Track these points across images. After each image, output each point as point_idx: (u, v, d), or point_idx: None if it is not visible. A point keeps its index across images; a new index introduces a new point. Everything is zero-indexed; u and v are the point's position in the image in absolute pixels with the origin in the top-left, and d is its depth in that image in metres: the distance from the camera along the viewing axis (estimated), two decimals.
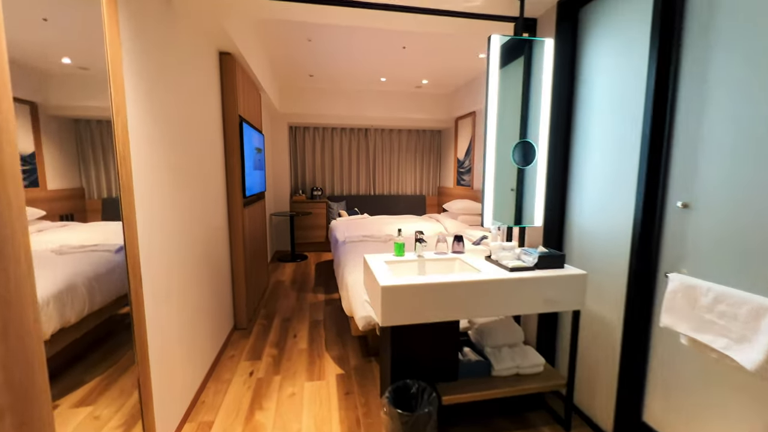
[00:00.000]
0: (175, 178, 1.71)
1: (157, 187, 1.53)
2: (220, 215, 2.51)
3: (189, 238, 1.89)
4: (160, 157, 1.56)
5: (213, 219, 2.35)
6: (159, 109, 1.56)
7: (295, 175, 5.94)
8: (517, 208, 1.96)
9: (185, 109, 1.88)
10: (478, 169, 4.84)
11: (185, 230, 1.84)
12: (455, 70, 4.34)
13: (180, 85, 1.81)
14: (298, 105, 5.22)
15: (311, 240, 5.57)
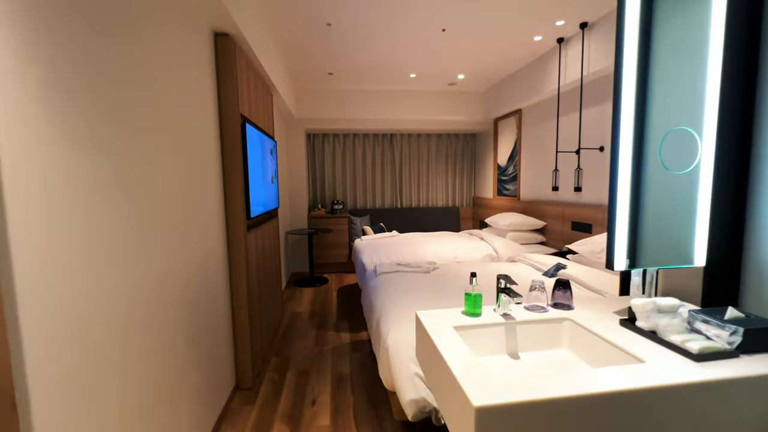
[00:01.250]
0: (126, 206, 1.10)
1: (81, 223, 0.91)
2: (214, 245, 1.89)
3: (162, 283, 1.27)
4: (86, 173, 0.94)
5: (203, 251, 1.73)
6: (94, 106, 0.96)
7: (314, 187, 5.35)
8: (660, 236, 1.23)
9: (155, 107, 1.28)
10: (528, 176, 4.10)
11: (153, 274, 1.22)
12: (499, 59, 3.66)
13: (144, 73, 1.22)
14: (316, 109, 4.65)
15: (332, 260, 4.94)
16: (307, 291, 4.21)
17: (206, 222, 1.79)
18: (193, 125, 1.66)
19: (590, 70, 2.88)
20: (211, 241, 1.84)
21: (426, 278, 2.28)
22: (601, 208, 2.93)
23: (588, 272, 2.14)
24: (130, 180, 1.14)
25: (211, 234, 1.84)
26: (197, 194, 1.69)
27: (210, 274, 1.83)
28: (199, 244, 1.69)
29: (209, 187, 1.84)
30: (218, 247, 1.95)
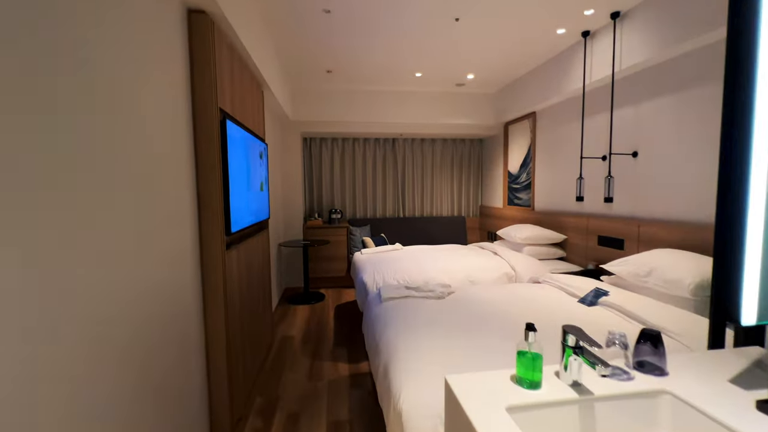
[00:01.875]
0: (57, 230, 0.73)
1: None
2: (183, 271, 1.51)
3: (109, 325, 0.89)
4: None
5: (169, 280, 1.36)
6: None
7: (310, 195, 4.99)
8: None
9: (105, 97, 0.92)
10: (544, 185, 3.75)
11: (95, 313, 0.84)
12: (514, 57, 3.33)
13: (90, 56, 0.86)
14: (313, 110, 4.30)
15: (329, 274, 4.55)
16: (302, 309, 3.82)
17: (173, 242, 1.42)
18: (157, 121, 1.30)
19: (622, 65, 2.55)
20: (179, 265, 1.46)
21: (441, 306, 1.91)
22: (635, 221, 2.57)
23: (640, 303, 1.77)
24: (62, 191, 0.77)
25: (179, 257, 1.47)
26: (161, 207, 1.32)
27: (178, 306, 1.45)
28: (164, 271, 1.32)
29: (177, 197, 1.47)
30: (189, 272, 1.57)
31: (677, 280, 1.78)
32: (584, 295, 1.98)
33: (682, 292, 1.75)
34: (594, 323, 1.67)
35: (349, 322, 3.39)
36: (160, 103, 1.35)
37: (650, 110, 2.50)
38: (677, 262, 1.87)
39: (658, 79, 2.44)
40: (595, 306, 1.89)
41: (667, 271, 1.86)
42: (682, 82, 2.27)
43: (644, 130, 2.56)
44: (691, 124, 2.22)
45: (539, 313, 1.80)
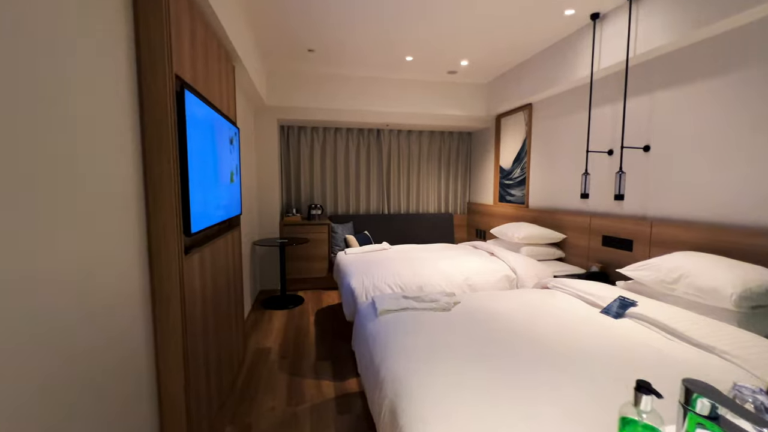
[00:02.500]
0: None
1: None
2: (124, 285, 1.13)
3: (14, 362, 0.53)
4: None
5: (104, 298, 0.98)
6: None
7: (288, 189, 4.58)
8: None
9: None
10: (540, 181, 3.54)
11: None
12: (514, 41, 3.07)
13: None
14: (292, 95, 3.90)
15: (309, 274, 4.18)
16: (278, 315, 3.44)
17: (109, 249, 1.04)
18: (83, 84, 0.91)
19: (637, 51, 2.33)
20: (117, 278, 1.08)
21: (449, 320, 1.61)
22: (646, 221, 2.38)
23: (675, 315, 1.55)
24: None
25: (115, 268, 1.09)
26: (85, 204, 0.94)
27: (118, 329, 1.07)
28: (94, 286, 0.94)
29: (111, 192, 1.09)
30: (132, 286, 1.19)
31: (714, 289, 1.57)
32: (607, 305, 1.75)
33: (721, 303, 1.54)
34: (629, 340, 1.42)
35: (332, 330, 3.05)
36: (88, 61, 0.96)
37: (666, 101, 2.31)
38: (711, 268, 1.66)
39: (675, 66, 2.24)
40: (621, 317, 1.66)
41: (700, 278, 1.65)
42: (705, 70, 2.07)
43: (658, 123, 2.36)
44: (715, 116, 2.03)
45: (564, 328, 1.54)
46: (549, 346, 1.36)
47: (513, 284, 2.68)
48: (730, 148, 1.95)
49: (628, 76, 2.55)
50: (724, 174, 1.98)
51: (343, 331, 3.02)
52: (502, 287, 2.64)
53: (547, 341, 1.41)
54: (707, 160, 2.07)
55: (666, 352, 1.34)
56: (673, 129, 2.26)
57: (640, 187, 2.48)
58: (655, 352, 1.33)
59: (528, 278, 2.65)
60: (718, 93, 2.01)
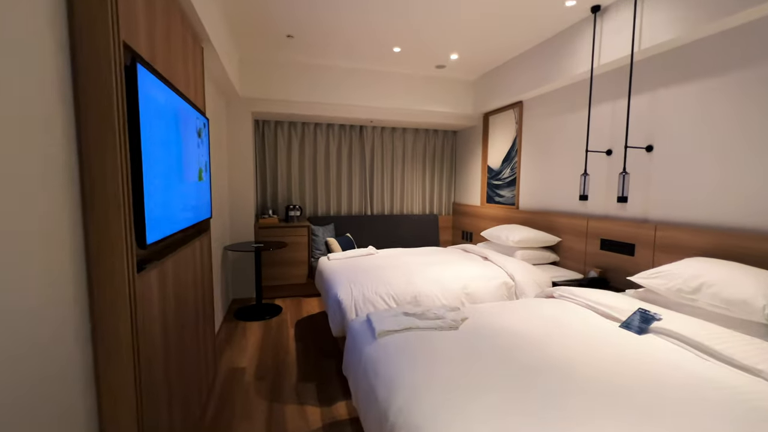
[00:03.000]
0: None
1: None
2: (51, 314, 0.83)
3: None
4: None
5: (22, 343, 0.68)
6: None
7: (263, 188, 4.24)
8: None
9: None
10: (532, 181, 3.41)
11: None
12: (508, 34, 2.92)
13: None
14: (268, 86, 3.57)
15: (287, 280, 3.87)
16: (254, 327, 3.12)
17: (26, 277, 0.73)
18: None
19: (642, 45, 2.22)
20: (40, 315, 0.78)
21: (460, 342, 1.39)
22: (648, 224, 2.28)
23: (706, 330, 1.41)
24: None
25: (39, 299, 0.78)
26: None
27: (44, 377, 0.77)
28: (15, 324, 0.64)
29: (37, 199, 0.79)
30: (63, 321, 0.89)
31: (744, 301, 1.44)
32: (627, 319, 1.59)
33: (752, 316, 1.42)
34: (663, 362, 1.26)
35: (315, 345, 2.78)
36: None
37: (669, 99, 2.20)
38: (735, 277, 1.55)
39: (680, 62, 2.14)
40: (644, 333, 1.50)
41: (726, 288, 1.53)
42: (713, 66, 1.97)
43: (661, 122, 2.26)
44: (724, 114, 1.94)
45: (590, 348, 1.37)
46: (583, 373, 1.18)
47: (511, 292, 2.51)
48: (742, 149, 1.86)
49: (627, 74, 2.44)
50: (736, 176, 1.89)
51: (328, 346, 2.75)
52: (500, 295, 2.47)
53: (578, 367, 1.22)
54: (716, 160, 1.98)
55: (707, 376, 1.18)
56: (678, 128, 2.16)
57: (641, 188, 2.38)
58: (694, 377, 1.18)
59: (527, 285, 2.49)
60: (727, 91, 1.92)
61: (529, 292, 2.46)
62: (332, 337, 2.88)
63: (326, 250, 3.98)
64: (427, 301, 2.28)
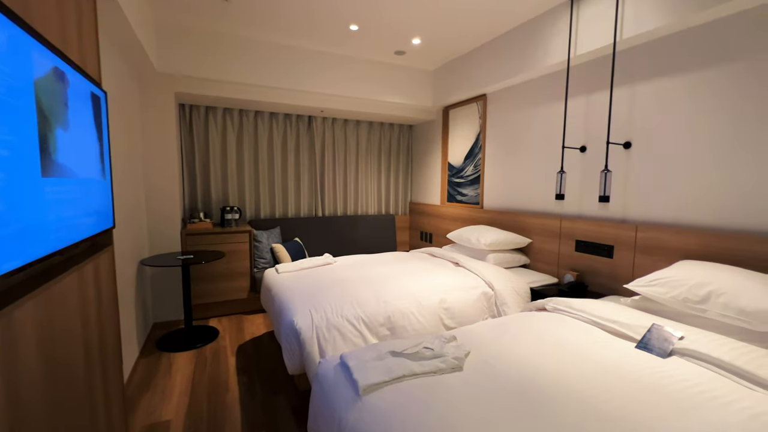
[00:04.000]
0: None
1: None
2: None
3: None
4: None
5: None
6: None
7: (192, 187, 3.54)
8: None
9: None
10: (497, 179, 3.23)
11: None
12: (476, 19, 2.67)
13: None
14: (197, 62, 2.92)
15: (225, 296, 3.25)
16: (182, 360, 2.50)
17: None
18: None
19: (624, 35, 2.08)
20: None
21: (474, 391, 1.06)
22: (627, 224, 2.17)
23: (737, 351, 1.24)
24: None
25: None
26: None
27: None
28: None
29: None
30: None
31: (762, 311, 1.31)
32: (643, 339, 1.39)
33: None
34: (704, 394, 1.05)
35: (262, 375, 2.27)
36: None
37: (650, 93, 2.10)
38: (744, 284, 1.42)
39: (661, 55, 2.04)
40: (669, 356, 1.30)
41: (737, 296, 1.39)
42: (697, 59, 1.88)
43: (640, 117, 2.15)
44: (709, 110, 1.85)
45: (616, 379, 1.12)
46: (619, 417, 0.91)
47: (491, 303, 2.26)
48: (730, 147, 1.79)
49: (601, 67, 2.32)
50: (721, 175, 1.81)
51: (280, 376, 2.26)
52: (481, 308, 2.20)
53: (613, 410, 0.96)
54: (700, 158, 1.89)
55: (759, 410, 0.99)
56: (658, 124, 2.07)
57: (619, 187, 2.27)
58: (742, 411, 0.98)
59: (507, 294, 2.26)
60: (713, 85, 1.83)
61: (510, 302, 2.23)
62: (282, 365, 2.39)
63: (272, 258, 3.44)
64: (402, 320, 1.92)
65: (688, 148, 1.94)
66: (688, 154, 1.94)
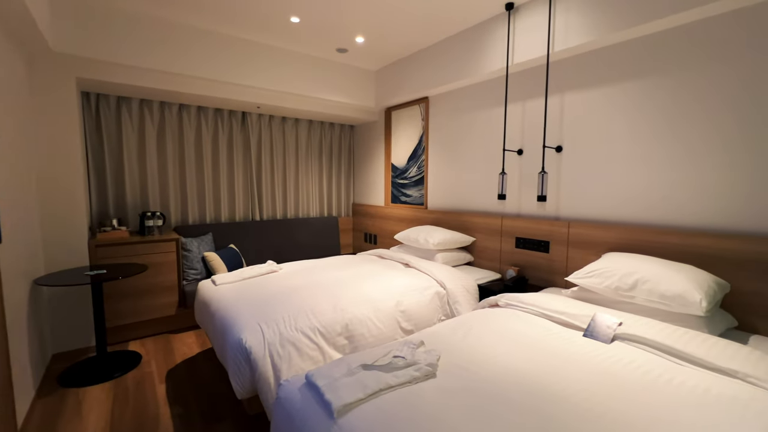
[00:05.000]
0: None
1: None
2: None
3: None
4: None
5: None
6: None
7: (101, 190, 3.03)
8: None
9: None
10: (441, 181, 3.31)
11: None
12: (418, 23, 2.70)
13: None
14: (106, 44, 2.50)
15: (148, 315, 2.83)
16: (96, 394, 2.10)
17: None
18: None
19: (555, 48, 2.26)
20: None
21: (452, 398, 1.03)
22: (561, 221, 2.38)
23: (665, 332, 1.40)
24: None
25: None
26: None
27: None
28: None
29: None
30: None
31: (680, 295, 1.51)
32: (589, 327, 1.51)
33: (689, 309, 1.49)
34: (646, 372, 1.17)
35: (200, 402, 2.01)
36: None
37: (578, 101, 2.32)
38: (665, 272, 1.63)
39: (588, 67, 2.26)
40: (612, 341, 1.43)
41: (660, 283, 1.59)
42: (619, 73, 2.12)
43: (570, 124, 2.37)
44: (626, 119, 2.10)
45: (581, 373, 1.19)
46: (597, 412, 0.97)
47: (444, 301, 2.30)
48: (642, 151, 2.04)
49: (534, 77, 2.50)
50: (638, 175, 2.07)
51: (221, 401, 2.03)
52: (435, 308, 2.22)
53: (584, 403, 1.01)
54: (619, 162, 2.14)
55: (691, 384, 1.13)
56: (584, 131, 2.29)
57: (553, 187, 2.47)
58: (680, 386, 1.11)
59: (458, 292, 2.31)
60: (628, 96, 2.08)
61: (462, 301, 2.29)
62: (224, 387, 2.16)
63: (205, 269, 3.10)
64: (360, 328, 1.85)
65: (607, 152, 2.18)
66: (609, 158, 2.18)
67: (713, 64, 1.77)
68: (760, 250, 1.60)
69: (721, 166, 1.76)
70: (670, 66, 1.91)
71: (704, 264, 1.76)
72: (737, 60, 1.70)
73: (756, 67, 1.65)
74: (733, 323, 1.62)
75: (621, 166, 2.13)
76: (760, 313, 1.62)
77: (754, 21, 1.64)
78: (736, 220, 1.72)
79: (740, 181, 1.71)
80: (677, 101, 1.90)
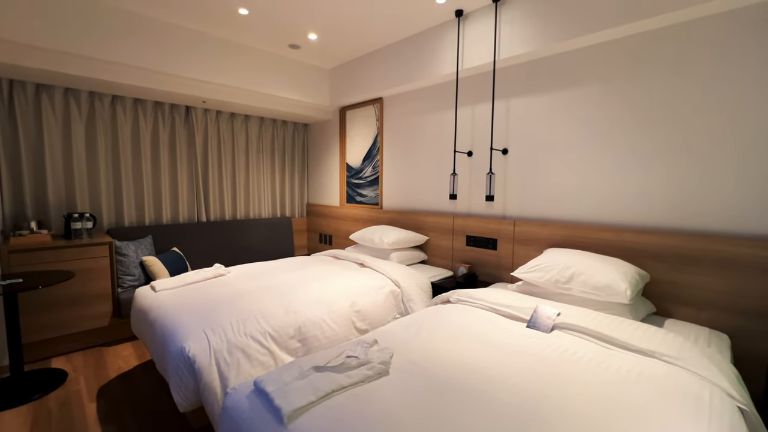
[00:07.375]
0: None
1: None
2: None
3: None
4: None
5: None
6: None
7: (15, 189, 2.69)
8: None
9: None
10: (395, 181, 3.35)
11: None
12: (371, 24, 2.72)
13: None
14: (20, 23, 2.21)
15: (77, 327, 2.55)
16: (10, 420, 1.85)
17: None
18: None
19: (501, 56, 2.39)
20: None
21: (407, 394, 1.04)
22: (507, 220, 2.51)
23: (596, 320, 1.53)
24: None
25: None
26: None
27: None
28: None
29: None
30: None
31: (608, 286, 1.66)
32: (531, 319, 1.61)
33: (616, 298, 1.64)
34: (580, 357, 1.28)
35: (140, 420, 1.85)
36: None
37: (521, 107, 2.46)
38: (596, 265, 1.79)
39: (529, 76, 2.41)
40: (550, 331, 1.54)
41: (592, 276, 1.74)
42: (557, 81, 2.29)
43: (514, 128, 2.51)
44: (566, 124, 2.27)
45: (530, 363, 1.26)
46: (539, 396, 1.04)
47: (399, 300, 2.33)
48: (578, 155, 2.22)
49: (479, 83, 2.62)
50: (574, 176, 2.24)
51: (166, 418, 1.88)
52: (390, 306, 2.24)
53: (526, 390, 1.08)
54: (556, 164, 2.31)
55: (617, 366, 1.25)
56: (526, 135, 2.44)
57: (500, 187, 2.60)
58: (608, 368, 1.23)
59: (412, 290, 2.35)
60: (566, 104, 2.25)
61: (416, 298, 2.33)
62: (166, 401, 2.01)
63: (144, 274, 2.86)
64: (314, 330, 1.81)
65: (549, 155, 2.34)
66: (550, 160, 2.34)
67: (636, 78, 1.97)
68: (675, 244, 1.81)
69: (636, 169, 1.97)
70: (599, 76, 2.10)
71: (631, 257, 1.96)
72: (648, 79, 1.91)
73: (663, 86, 1.86)
74: (652, 309, 1.81)
75: (560, 168, 2.30)
76: (674, 300, 1.83)
77: (671, 40, 1.86)
78: (653, 217, 1.93)
79: (652, 181, 1.92)
80: (603, 109, 2.09)
